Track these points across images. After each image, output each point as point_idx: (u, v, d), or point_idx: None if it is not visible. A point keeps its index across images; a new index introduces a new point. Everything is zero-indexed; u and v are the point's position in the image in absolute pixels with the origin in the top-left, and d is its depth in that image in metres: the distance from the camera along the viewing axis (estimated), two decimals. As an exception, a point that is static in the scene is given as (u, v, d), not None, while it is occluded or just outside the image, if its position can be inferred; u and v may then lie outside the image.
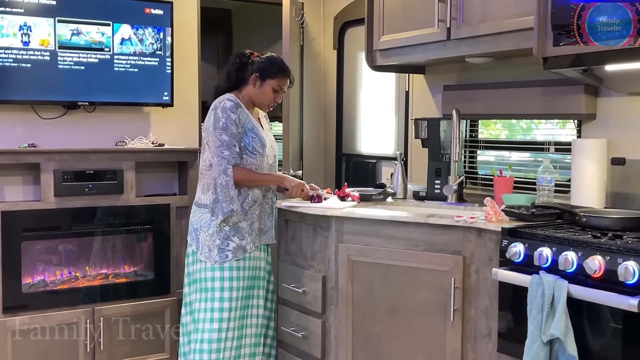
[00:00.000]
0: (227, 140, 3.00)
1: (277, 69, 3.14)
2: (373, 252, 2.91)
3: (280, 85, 3.16)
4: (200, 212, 3.10)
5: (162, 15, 4.03)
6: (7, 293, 3.60)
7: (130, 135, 4.08)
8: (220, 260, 3.03)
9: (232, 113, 3.01)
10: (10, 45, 3.63)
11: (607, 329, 2.15)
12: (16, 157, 3.70)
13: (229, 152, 3.00)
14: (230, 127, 3.00)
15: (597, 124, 2.93)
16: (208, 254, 3.05)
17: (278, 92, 3.17)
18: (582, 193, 2.80)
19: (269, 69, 3.13)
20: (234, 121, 3.01)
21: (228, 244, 3.04)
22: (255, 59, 3.15)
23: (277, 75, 3.14)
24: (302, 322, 3.21)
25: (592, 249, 2.20)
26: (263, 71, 3.12)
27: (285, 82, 3.19)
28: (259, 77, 3.12)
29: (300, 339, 3.20)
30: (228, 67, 3.18)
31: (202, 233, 3.06)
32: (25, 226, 3.67)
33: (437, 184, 3.38)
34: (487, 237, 2.60)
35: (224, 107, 3.02)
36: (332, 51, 4.63)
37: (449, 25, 3.01)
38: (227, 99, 3.04)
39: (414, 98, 3.87)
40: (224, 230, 3.03)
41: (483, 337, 2.63)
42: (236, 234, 3.05)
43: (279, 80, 3.14)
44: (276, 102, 3.22)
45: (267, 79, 3.12)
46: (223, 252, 3.03)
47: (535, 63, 2.60)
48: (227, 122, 3.00)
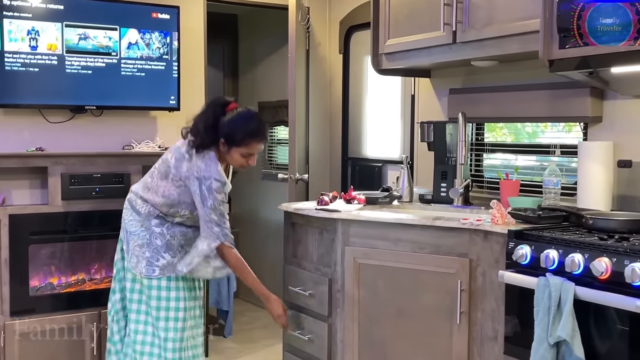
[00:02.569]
0: (217, 219, 2.84)
1: (241, 136, 2.83)
2: (379, 254, 2.91)
3: (249, 151, 2.88)
4: (133, 216, 2.97)
5: (168, 19, 4.05)
6: (14, 296, 3.61)
7: (137, 139, 4.10)
8: (147, 274, 2.90)
9: (219, 193, 2.85)
10: (19, 49, 3.66)
11: (614, 331, 2.15)
12: (24, 161, 3.72)
13: (219, 229, 2.85)
14: (218, 208, 2.84)
15: (603, 126, 2.93)
16: (135, 264, 2.93)
17: (248, 157, 2.91)
18: (589, 195, 2.79)
19: (234, 137, 2.83)
20: (221, 200, 2.85)
21: (158, 259, 2.91)
22: (227, 116, 2.86)
23: (243, 142, 2.84)
24: (309, 325, 3.21)
25: (599, 251, 2.20)
26: (228, 138, 2.84)
27: (255, 146, 2.88)
28: (225, 143, 2.85)
29: (307, 342, 3.21)
30: (202, 119, 2.89)
31: (132, 241, 2.95)
32: (33, 230, 3.69)
33: (443, 187, 3.39)
34: (493, 240, 2.60)
35: (210, 187, 2.81)
36: (337, 55, 4.64)
37: (454, 29, 3.02)
38: (214, 179, 2.82)
39: (419, 101, 3.87)
40: (154, 244, 2.92)
41: (489, 339, 2.62)
42: (168, 250, 2.93)
43: (246, 148, 2.86)
44: (249, 165, 2.94)
45: (232, 146, 2.86)
46: (151, 266, 2.91)
47: (541, 66, 2.60)
48: (214, 204, 2.83)
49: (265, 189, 5.57)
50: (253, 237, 5.67)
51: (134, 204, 3.00)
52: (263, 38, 5.65)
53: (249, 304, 5.52)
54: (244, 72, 5.99)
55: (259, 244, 5.62)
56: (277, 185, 5.06)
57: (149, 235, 2.94)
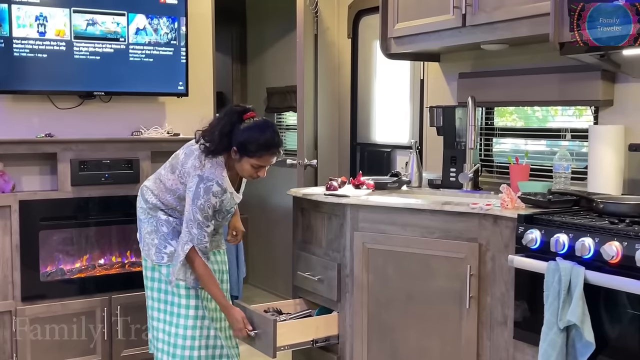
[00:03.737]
0: (201, 221, 2.79)
1: (256, 148, 2.77)
2: (388, 239, 2.91)
3: (260, 164, 2.82)
4: (141, 204, 3.01)
5: (176, 4, 4.04)
6: (25, 282, 3.63)
7: (146, 125, 4.10)
8: (157, 260, 2.93)
9: (215, 198, 2.80)
10: (27, 35, 3.66)
11: (625, 315, 2.14)
12: (33, 147, 3.73)
13: (197, 232, 2.79)
14: (206, 210, 2.79)
15: (614, 110, 2.90)
16: (147, 251, 2.97)
17: (259, 169, 2.84)
18: (599, 180, 2.77)
19: (247, 147, 2.77)
20: (213, 205, 2.80)
21: (165, 246, 2.93)
22: (244, 123, 2.81)
23: (256, 154, 2.78)
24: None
25: (610, 235, 2.18)
26: (241, 147, 2.78)
27: (268, 159, 2.82)
28: (236, 152, 2.80)
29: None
30: (218, 126, 2.84)
31: (143, 228, 2.99)
32: (43, 215, 3.70)
33: (453, 172, 3.37)
34: (503, 224, 2.59)
35: (208, 188, 2.78)
36: (346, 40, 4.62)
37: (464, 12, 2.99)
38: (216, 182, 2.79)
39: (429, 86, 3.85)
40: (161, 231, 2.94)
41: (499, 324, 2.62)
42: (174, 238, 2.92)
43: (258, 160, 2.80)
44: (259, 176, 2.88)
45: (244, 156, 2.80)
46: (160, 253, 2.93)
47: (552, 49, 2.58)
48: (204, 205, 2.78)
49: (274, 175, 5.55)
50: (262, 223, 5.68)
51: (144, 192, 3.02)
52: (271, 23, 5.63)
53: (258, 289, 5.54)
54: (252, 57, 5.97)
55: (268, 229, 5.63)
56: (286, 171, 5.05)
57: (155, 222, 2.95)
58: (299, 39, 4.13)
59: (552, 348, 2.24)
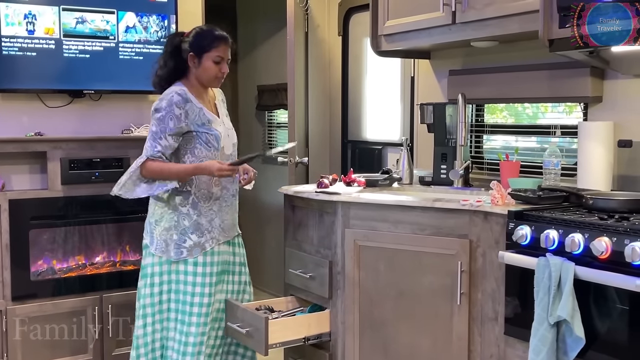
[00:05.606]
0: (155, 131, 2.87)
1: (209, 40, 2.94)
2: (379, 236, 2.91)
3: (220, 55, 2.95)
4: (157, 205, 3.03)
5: (166, 2, 4.03)
6: (15, 281, 3.62)
7: (136, 123, 4.09)
8: (175, 256, 2.96)
9: (178, 108, 2.87)
10: (16, 34, 3.64)
11: (614, 310, 2.15)
12: (23, 146, 3.71)
13: (150, 144, 2.87)
14: (166, 122, 2.86)
15: (603, 106, 2.92)
16: (165, 248, 2.97)
17: (220, 62, 2.96)
18: (589, 176, 2.79)
19: (201, 44, 2.94)
20: (177, 116, 2.86)
21: (185, 240, 2.96)
22: (186, 38, 2.97)
23: (212, 46, 2.94)
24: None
25: (599, 231, 2.19)
26: (196, 48, 2.93)
27: (224, 49, 2.97)
28: (194, 55, 2.94)
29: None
30: (162, 54, 3.01)
31: (158, 227, 3.00)
32: (33, 214, 3.69)
33: (443, 169, 3.38)
34: (493, 221, 2.60)
35: (170, 99, 2.88)
36: (337, 38, 4.62)
37: (454, 9, 3.00)
38: (175, 92, 2.89)
39: (419, 83, 3.86)
40: (182, 225, 2.97)
41: (490, 320, 2.63)
42: (195, 231, 2.96)
43: (216, 51, 2.94)
44: (223, 74, 2.99)
45: (203, 54, 2.93)
46: (179, 248, 2.96)
47: (541, 46, 2.59)
48: (165, 116, 2.86)
49: (265, 172, 5.56)
50: (253, 221, 5.68)
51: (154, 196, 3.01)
52: (262, 21, 5.62)
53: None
54: (243, 55, 5.96)
55: (260, 227, 5.63)
56: (277, 169, 5.06)
57: (177, 216, 2.96)
58: (289, 37, 4.13)
59: (542, 343, 2.25)
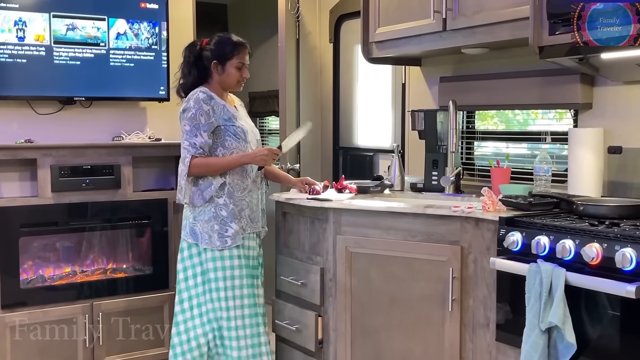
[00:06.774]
0: (189, 130, 3.02)
1: (231, 48, 3.11)
2: (371, 243, 2.91)
3: (241, 62, 3.14)
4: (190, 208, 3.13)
5: (157, 9, 4.02)
6: (5, 289, 3.60)
7: (127, 130, 4.08)
8: (221, 245, 3.04)
9: (205, 104, 3.02)
10: (6, 40, 3.63)
11: (605, 316, 2.16)
12: (13, 153, 3.69)
13: (188, 143, 3.02)
14: (197, 118, 3.01)
15: (593, 113, 2.93)
16: (209, 240, 3.05)
17: (242, 68, 3.15)
18: (579, 182, 2.80)
19: (223, 51, 3.11)
20: (206, 112, 3.01)
21: (227, 229, 3.05)
22: (207, 46, 3.13)
23: (234, 53, 3.11)
24: (301, 315, 3.20)
25: (590, 237, 2.20)
26: (219, 56, 3.10)
27: (245, 55, 3.15)
28: (218, 63, 3.10)
29: (294, 332, 3.20)
30: (184, 64, 3.17)
31: (198, 222, 3.07)
32: (23, 222, 3.67)
33: (435, 175, 3.38)
34: (484, 227, 2.60)
35: (197, 98, 3.03)
36: (328, 44, 4.62)
37: (444, 16, 3.01)
38: (200, 91, 3.05)
39: (410, 90, 3.87)
40: (220, 216, 3.04)
41: (481, 326, 2.63)
42: (234, 219, 3.06)
43: (237, 57, 3.12)
44: (244, 78, 3.19)
45: (226, 61, 3.11)
46: (223, 237, 3.05)
47: (531, 53, 2.60)
48: (196, 113, 3.00)
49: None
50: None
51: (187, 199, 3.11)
52: (253, 28, 5.62)
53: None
54: (234, 62, 5.95)
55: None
56: (268, 176, 5.04)
57: (214, 208, 3.05)
58: (280, 44, 4.13)
59: (534, 350, 2.26)
